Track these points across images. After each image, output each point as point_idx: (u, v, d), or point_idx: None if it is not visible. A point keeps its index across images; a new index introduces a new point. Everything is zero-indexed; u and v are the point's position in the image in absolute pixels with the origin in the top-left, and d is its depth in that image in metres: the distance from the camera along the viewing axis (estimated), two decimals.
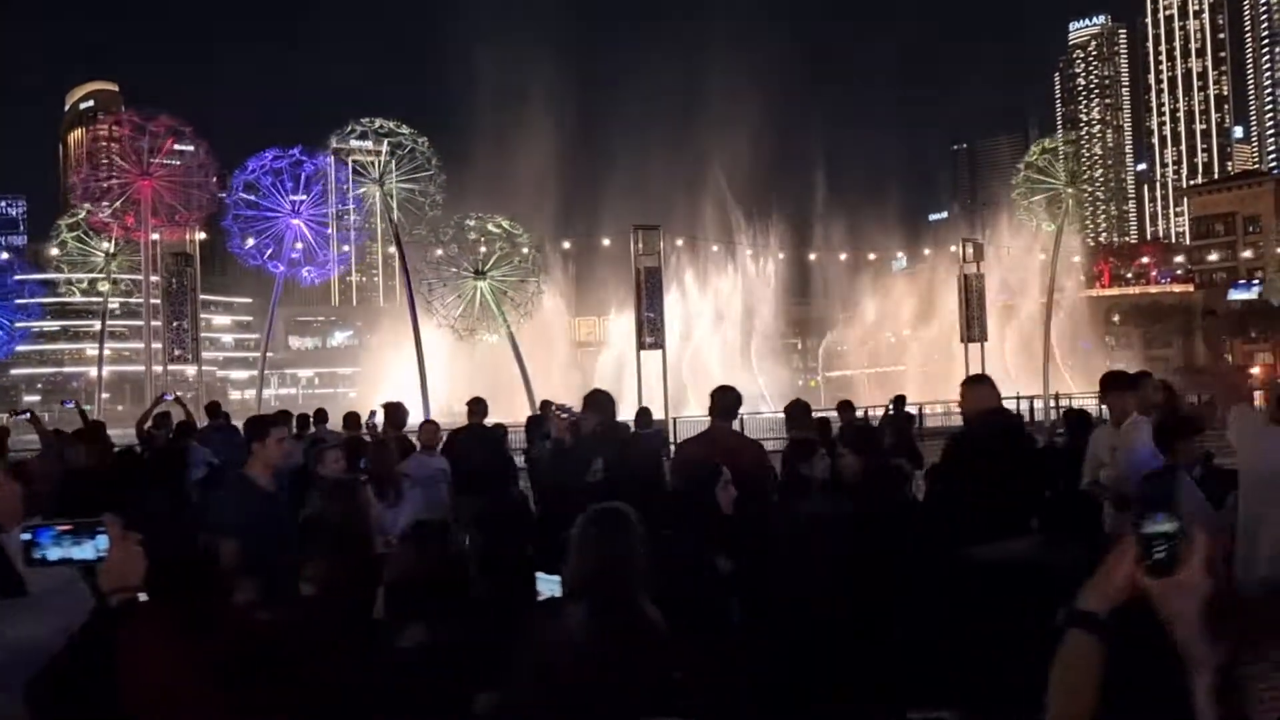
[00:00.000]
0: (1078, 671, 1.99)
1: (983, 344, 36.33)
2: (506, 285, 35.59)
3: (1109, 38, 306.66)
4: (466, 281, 35.26)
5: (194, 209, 30.36)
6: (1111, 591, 1.98)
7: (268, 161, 32.43)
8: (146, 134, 30.53)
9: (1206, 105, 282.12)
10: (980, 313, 37.14)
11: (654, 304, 30.99)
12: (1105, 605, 1.99)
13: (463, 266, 35.19)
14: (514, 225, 35.90)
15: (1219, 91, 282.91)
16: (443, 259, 35.07)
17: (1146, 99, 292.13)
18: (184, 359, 29.12)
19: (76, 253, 34.23)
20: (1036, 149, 41.32)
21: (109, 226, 31.18)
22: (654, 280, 31.14)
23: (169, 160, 30.52)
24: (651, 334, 30.93)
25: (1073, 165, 40.79)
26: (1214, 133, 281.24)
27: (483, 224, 35.66)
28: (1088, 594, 2.02)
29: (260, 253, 32.52)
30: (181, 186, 30.24)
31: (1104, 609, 1.99)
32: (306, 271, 33.53)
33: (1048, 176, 40.57)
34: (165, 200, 29.88)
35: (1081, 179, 41.11)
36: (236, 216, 31.73)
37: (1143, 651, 2.01)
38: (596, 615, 3.18)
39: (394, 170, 35.01)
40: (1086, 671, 1.97)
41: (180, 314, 28.42)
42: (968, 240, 38.58)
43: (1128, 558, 1.94)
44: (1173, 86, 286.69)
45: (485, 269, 35.18)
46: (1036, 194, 40.76)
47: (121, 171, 29.41)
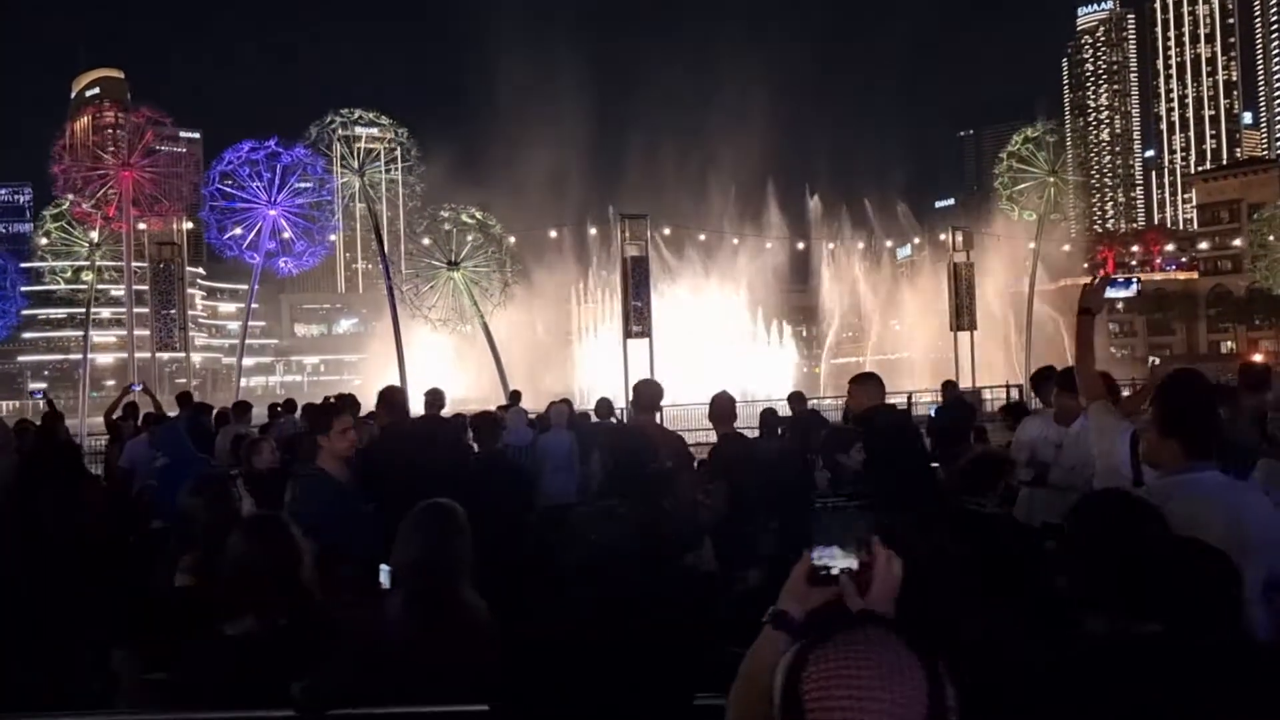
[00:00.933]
0: (759, 662, 2.16)
1: (972, 333, 36.36)
2: (479, 276, 35.80)
3: (1117, 23, 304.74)
4: (440, 272, 35.51)
5: (175, 199, 30.57)
6: (800, 596, 2.15)
7: (244, 153, 32.66)
8: (127, 125, 30.90)
9: (1215, 91, 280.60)
10: (970, 301, 37.15)
11: (640, 293, 31.10)
12: (798, 608, 2.16)
13: (435, 257, 35.51)
14: (487, 216, 36.09)
15: (1228, 77, 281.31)
16: (416, 250, 35.38)
17: (1155, 85, 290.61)
18: (172, 347, 29.39)
19: (60, 243, 34.51)
20: (1019, 138, 41.22)
21: (91, 217, 31.47)
22: (640, 269, 31.24)
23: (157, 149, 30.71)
24: (638, 323, 31.06)
25: (1063, 154, 40.68)
26: (1223, 119, 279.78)
27: (456, 215, 35.86)
28: (783, 596, 2.19)
29: (238, 243, 32.75)
30: (163, 177, 30.45)
31: (797, 611, 2.16)
32: (284, 262, 33.73)
33: (1030, 166, 40.52)
34: (146, 191, 30.12)
35: (1066, 168, 40.96)
36: (213, 207, 31.96)
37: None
38: (411, 604, 3.34)
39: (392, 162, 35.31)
40: (767, 663, 2.14)
41: (168, 302, 28.67)
42: (957, 229, 38.62)
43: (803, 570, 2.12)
44: (1181, 72, 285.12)
45: (458, 259, 35.39)
46: (1020, 183, 40.70)
47: (102, 162, 29.67)
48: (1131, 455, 4.67)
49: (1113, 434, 4.83)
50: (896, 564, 2.06)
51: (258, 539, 3.50)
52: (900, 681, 1.56)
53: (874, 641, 1.62)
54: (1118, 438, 4.79)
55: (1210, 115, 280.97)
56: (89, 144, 30.08)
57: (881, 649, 1.60)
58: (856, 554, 2.08)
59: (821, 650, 1.63)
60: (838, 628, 1.69)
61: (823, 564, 2.09)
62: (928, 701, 1.56)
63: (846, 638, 1.64)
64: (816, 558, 2.11)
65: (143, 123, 31.16)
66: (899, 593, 2.04)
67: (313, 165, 32.73)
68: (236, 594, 3.45)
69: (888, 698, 1.53)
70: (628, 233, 31.45)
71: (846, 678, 1.56)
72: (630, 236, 31.43)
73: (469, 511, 3.88)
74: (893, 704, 1.53)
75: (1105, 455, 4.88)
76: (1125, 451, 4.71)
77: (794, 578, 2.16)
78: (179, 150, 31.61)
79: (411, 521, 3.57)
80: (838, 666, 1.59)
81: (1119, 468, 4.75)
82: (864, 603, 1.99)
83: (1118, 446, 4.78)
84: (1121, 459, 4.74)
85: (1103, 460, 4.91)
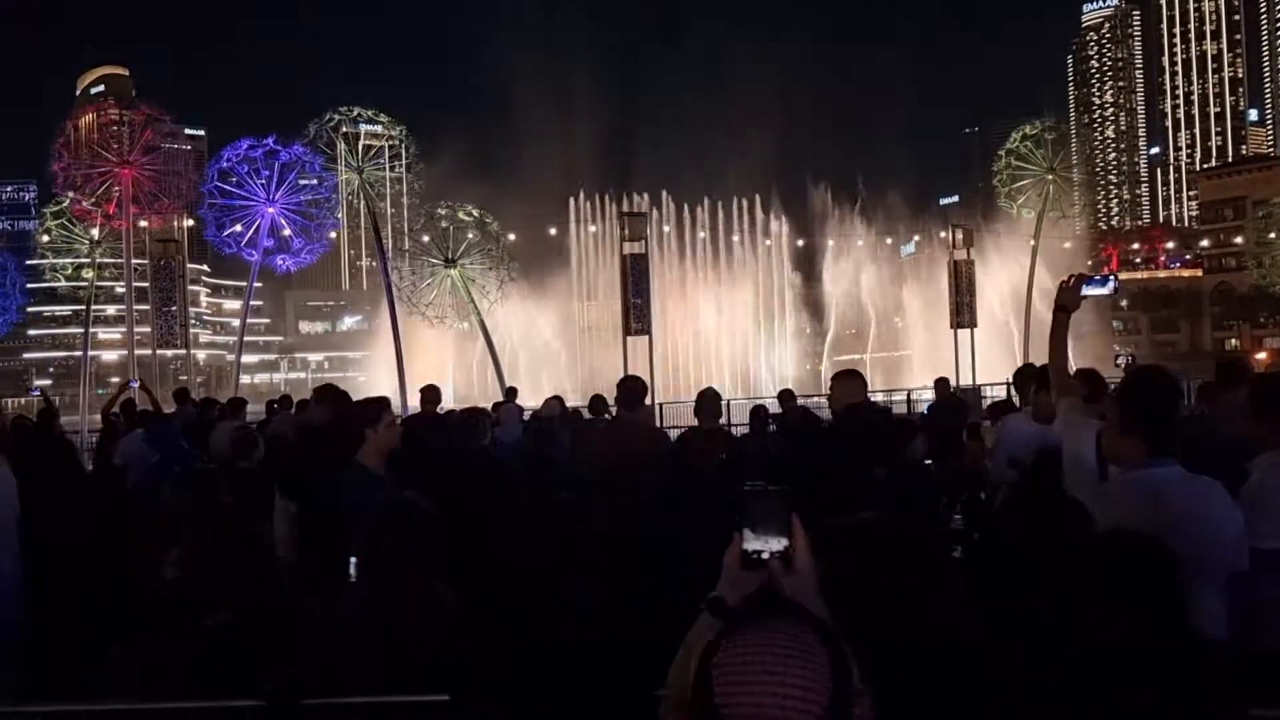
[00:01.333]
0: (693, 648, 2.24)
1: (972, 330, 36.38)
2: (475, 273, 35.91)
3: (1122, 20, 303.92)
4: (438, 269, 35.62)
5: (175, 197, 30.68)
6: (734, 582, 2.23)
7: (242, 150, 32.83)
8: (126, 123, 31.05)
9: (1221, 88, 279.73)
10: (970, 299, 37.18)
11: (640, 290, 31.17)
12: (735, 593, 2.24)
13: (433, 255, 35.66)
14: (484, 214, 36.21)
15: (1234, 74, 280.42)
16: (414, 248, 35.55)
17: (1160, 81, 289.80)
18: (173, 344, 29.51)
19: (61, 240, 34.69)
20: (1017, 135, 41.28)
21: (92, 215, 31.62)
22: (640, 266, 31.31)
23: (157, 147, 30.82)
24: (638, 320, 31.13)
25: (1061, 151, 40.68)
26: (1228, 116, 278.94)
27: (454, 212, 35.97)
28: (720, 583, 2.26)
29: (236, 241, 32.88)
30: (162, 174, 30.56)
31: (734, 597, 2.23)
32: (281, 260, 33.85)
33: (1028, 163, 40.54)
34: (145, 189, 30.25)
35: (1069, 165, 40.98)
36: (212, 205, 32.08)
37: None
38: (376, 597, 3.43)
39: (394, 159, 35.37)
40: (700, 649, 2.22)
41: (169, 300, 28.79)
42: (957, 226, 38.64)
43: (735, 556, 2.20)
44: (1187, 69, 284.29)
45: (455, 257, 35.51)
46: (1019, 181, 40.72)
47: (101, 160, 29.80)
48: (1098, 452, 4.75)
49: (1080, 431, 4.91)
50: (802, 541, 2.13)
51: (227, 533, 3.58)
52: (802, 666, 1.64)
53: (780, 630, 1.70)
54: (1085, 435, 4.87)
55: (1215, 112, 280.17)
56: (89, 142, 30.19)
57: (786, 636, 1.69)
58: (783, 536, 2.15)
59: (732, 638, 1.72)
60: (752, 617, 1.78)
61: (752, 549, 2.16)
62: (830, 687, 1.64)
63: (758, 624, 1.73)
64: (746, 543, 2.17)
65: (142, 120, 31.37)
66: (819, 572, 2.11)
67: (311, 163, 32.87)
68: (210, 586, 3.53)
69: (788, 682, 1.62)
70: (627, 231, 31.53)
71: (749, 663, 1.65)
72: (630, 235, 31.52)
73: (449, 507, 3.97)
74: (792, 688, 1.62)
75: (1073, 453, 4.95)
76: (1092, 449, 4.78)
77: (727, 564, 2.23)
78: (180, 148, 31.71)
79: (378, 517, 3.66)
80: (743, 652, 1.67)
81: (1086, 465, 4.82)
82: (791, 583, 2.07)
83: (1084, 444, 4.85)
84: (1088, 456, 4.81)
85: (1070, 457, 4.98)
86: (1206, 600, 3.98)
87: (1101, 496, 4.32)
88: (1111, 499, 4.16)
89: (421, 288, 35.71)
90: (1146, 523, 3.93)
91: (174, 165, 30.96)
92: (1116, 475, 4.35)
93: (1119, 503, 4.09)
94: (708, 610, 2.23)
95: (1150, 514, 3.97)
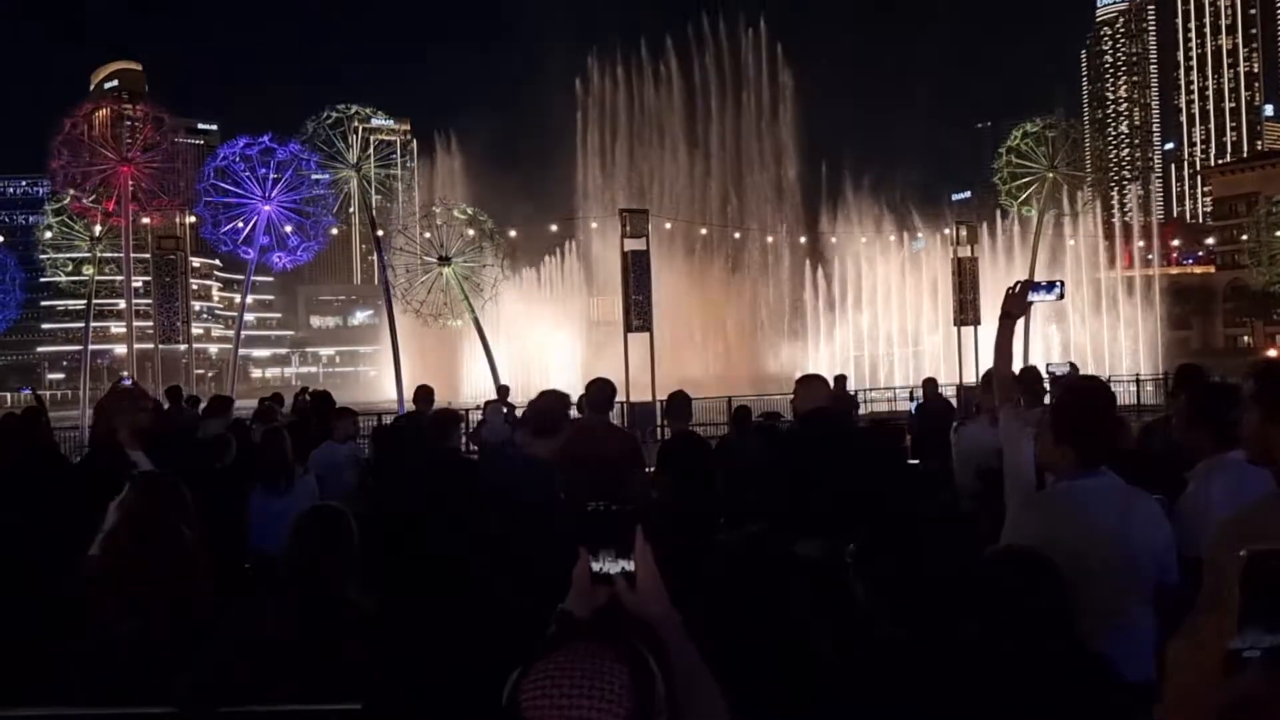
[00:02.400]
0: None
1: (975, 328, 36.26)
2: (470, 270, 36.00)
3: (1137, 14, 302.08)
4: (432, 267, 35.75)
5: (175, 194, 30.83)
6: (584, 597, 2.27)
7: (239, 148, 32.93)
8: (127, 120, 31.21)
9: (1236, 83, 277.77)
10: (974, 296, 37.05)
11: (641, 286, 31.17)
12: (584, 606, 2.27)
13: (428, 252, 35.86)
14: (478, 212, 36.30)
15: (1249, 69, 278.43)
16: (408, 245, 35.74)
17: (1175, 76, 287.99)
18: (174, 340, 29.68)
19: (62, 237, 34.94)
20: (1018, 133, 41.11)
21: (91, 212, 31.81)
22: (641, 263, 31.31)
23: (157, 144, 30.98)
24: (639, 316, 31.14)
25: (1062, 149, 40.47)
26: (1243, 111, 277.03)
27: (448, 210, 36.07)
28: (571, 595, 2.30)
29: (232, 238, 33.05)
30: (162, 172, 30.71)
31: (584, 610, 2.27)
32: (278, 257, 34.00)
33: (1029, 161, 40.36)
34: (145, 186, 30.39)
35: (1069, 163, 40.76)
36: (208, 203, 32.23)
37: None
38: (293, 603, 3.47)
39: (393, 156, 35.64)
40: None
41: (170, 296, 28.93)
42: (961, 223, 38.50)
43: (584, 571, 2.24)
44: (1202, 64, 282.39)
45: (450, 254, 35.62)
46: (1019, 178, 40.55)
47: (100, 158, 29.99)
48: (1036, 461, 4.76)
49: (1019, 439, 4.91)
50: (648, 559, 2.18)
51: (145, 539, 3.61)
52: (599, 689, 1.71)
53: (580, 653, 1.77)
54: (1023, 443, 4.87)
55: (1231, 107, 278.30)
56: (88, 139, 30.38)
57: (585, 658, 1.76)
58: (626, 558, 2.20)
59: (539, 661, 1.79)
60: (562, 641, 1.84)
61: (599, 569, 2.21)
62: (629, 708, 1.71)
63: (564, 649, 1.80)
64: (592, 564, 2.22)
65: (142, 118, 31.50)
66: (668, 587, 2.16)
67: (308, 160, 33.00)
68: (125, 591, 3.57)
69: (580, 704, 1.69)
70: (629, 227, 31.53)
71: (547, 687, 1.72)
72: (631, 230, 31.52)
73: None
74: (586, 711, 1.69)
75: (1012, 460, 4.95)
76: (1030, 457, 4.78)
77: (576, 576, 2.27)
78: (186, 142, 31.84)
79: (299, 523, 3.70)
80: (544, 675, 1.74)
81: (1024, 473, 4.82)
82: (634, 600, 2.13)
83: (1023, 452, 4.85)
84: (1026, 464, 4.81)
85: (1009, 465, 4.98)
86: (1133, 611, 3.99)
87: (1033, 505, 4.35)
88: (1042, 508, 4.18)
89: (416, 285, 35.87)
90: (1071, 533, 3.95)
91: (175, 162, 31.09)
92: (1050, 485, 4.37)
93: (1047, 512, 4.10)
94: (556, 624, 2.27)
95: (1075, 525, 3.98)
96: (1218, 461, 4.52)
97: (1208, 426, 4.62)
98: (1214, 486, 4.45)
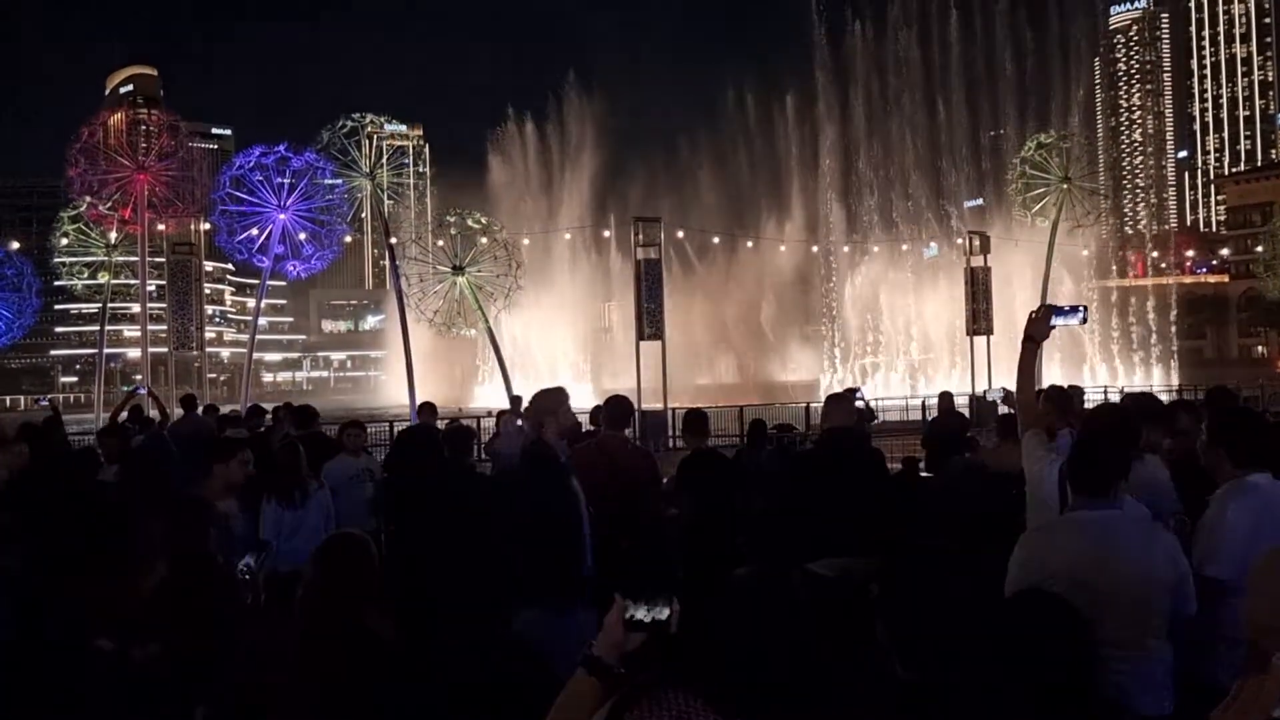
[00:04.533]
0: (573, 700, 2.27)
1: (988, 337, 36.17)
2: (483, 280, 36.02)
3: (1150, 22, 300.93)
4: (446, 275, 35.78)
5: (190, 201, 30.97)
6: (616, 644, 2.26)
7: (254, 157, 33.04)
8: (142, 128, 31.39)
9: (1250, 91, 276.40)
10: (986, 306, 36.93)
11: (653, 295, 31.18)
12: (613, 654, 2.26)
13: (441, 261, 35.96)
14: (492, 221, 36.34)
15: (1264, 77, 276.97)
16: (421, 253, 35.85)
17: (1189, 85, 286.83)
18: (188, 346, 29.79)
19: (78, 244, 35.14)
20: (1032, 143, 41.06)
21: (108, 219, 32.00)
22: (654, 271, 31.33)
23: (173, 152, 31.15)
24: (651, 325, 31.14)
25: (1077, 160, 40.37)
26: (1258, 119, 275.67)
27: (462, 219, 36.12)
28: (599, 642, 2.29)
29: (247, 247, 33.15)
30: (177, 180, 30.83)
31: (612, 656, 2.26)
32: (292, 266, 34.12)
33: (1043, 172, 40.29)
34: (160, 194, 30.54)
35: (1083, 174, 40.67)
36: (224, 212, 32.34)
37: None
38: (310, 630, 3.47)
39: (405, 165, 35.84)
40: (579, 706, 2.25)
41: (185, 303, 29.03)
42: (974, 233, 38.44)
43: (618, 619, 2.24)
44: (1215, 72, 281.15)
45: (463, 264, 35.66)
46: (1033, 189, 40.50)
47: (116, 165, 30.16)
48: (1060, 486, 4.73)
49: (1042, 464, 4.89)
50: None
51: (178, 566, 3.61)
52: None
53: (677, 704, 1.80)
54: (1046, 468, 4.85)
55: (1245, 116, 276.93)
56: (104, 147, 30.57)
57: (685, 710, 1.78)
58: (666, 605, 2.20)
59: (636, 708, 1.80)
60: (646, 688, 1.85)
61: (637, 616, 2.21)
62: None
63: (655, 696, 1.81)
64: (631, 611, 2.22)
65: (158, 126, 31.66)
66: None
67: (323, 169, 33.10)
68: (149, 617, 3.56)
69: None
70: (641, 235, 31.55)
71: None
72: (644, 239, 31.55)
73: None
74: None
75: (1034, 485, 4.94)
76: (1054, 482, 4.76)
77: (609, 624, 2.26)
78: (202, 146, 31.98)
79: (324, 548, 3.70)
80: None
81: (1047, 499, 4.80)
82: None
83: (1046, 477, 4.83)
84: (1049, 490, 4.79)
85: (1032, 490, 4.96)
86: (1150, 643, 3.96)
87: (1050, 530, 4.33)
88: (1058, 535, 4.17)
89: (430, 294, 35.93)
90: (1090, 564, 3.93)
91: (190, 170, 31.21)
92: (1069, 510, 4.34)
93: (1066, 540, 4.08)
94: (584, 668, 2.27)
95: (1095, 556, 3.96)
96: (1237, 485, 4.52)
97: (1225, 447, 4.65)
98: (1231, 509, 4.46)
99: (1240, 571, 4.23)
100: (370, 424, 20.27)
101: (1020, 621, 2.75)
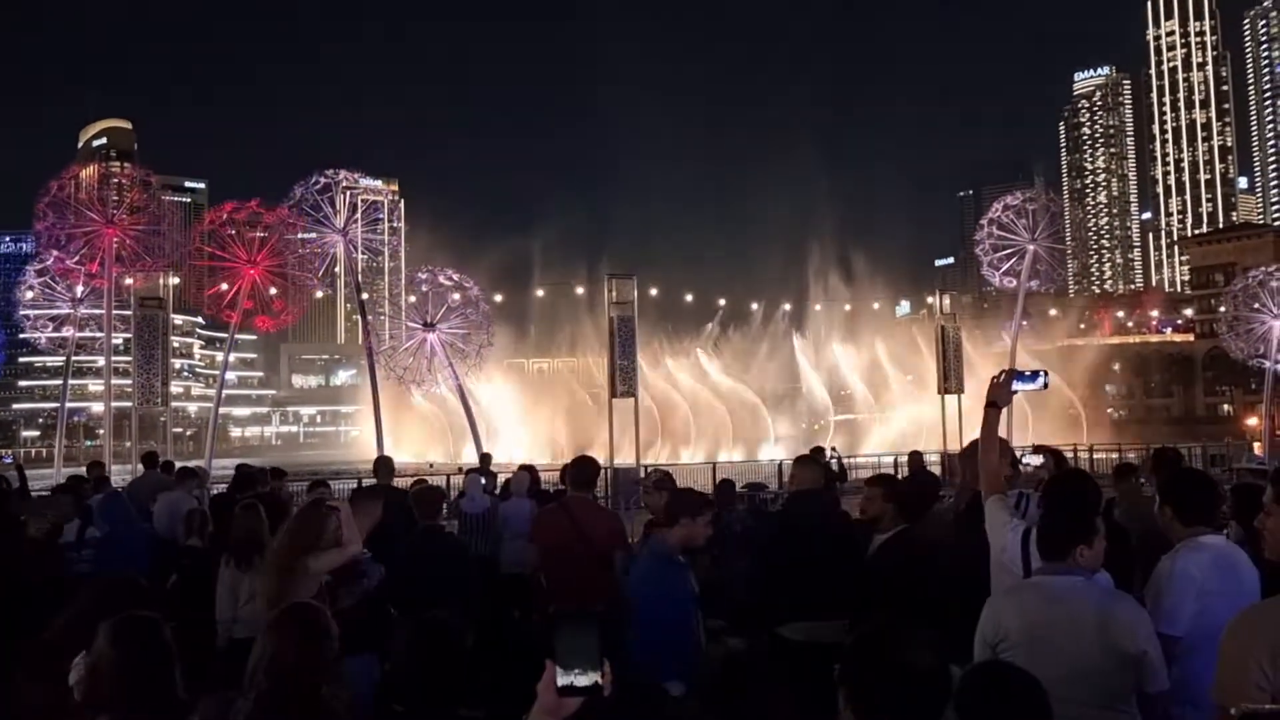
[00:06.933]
0: None
1: (959, 395, 36.34)
2: (455, 337, 36.00)
3: (1113, 88, 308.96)
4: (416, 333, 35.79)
5: (160, 255, 30.75)
6: (550, 710, 2.24)
7: (225, 214, 32.92)
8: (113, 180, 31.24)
9: (1211, 156, 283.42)
10: (957, 365, 37.20)
11: (627, 351, 31.19)
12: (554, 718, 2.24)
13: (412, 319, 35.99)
14: (464, 278, 36.47)
15: (1223, 142, 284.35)
16: (393, 311, 35.90)
17: (1151, 149, 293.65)
18: (153, 402, 29.38)
19: (43, 297, 34.80)
20: (999, 205, 41.77)
21: (74, 273, 31.74)
22: (627, 328, 31.32)
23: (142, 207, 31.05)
24: (624, 382, 31.09)
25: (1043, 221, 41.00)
26: (1218, 183, 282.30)
27: (434, 277, 36.21)
28: (535, 710, 2.26)
29: (216, 302, 32.99)
30: (147, 233, 30.66)
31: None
32: (260, 321, 33.93)
33: (1010, 233, 40.93)
34: (130, 247, 30.35)
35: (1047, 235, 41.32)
36: (193, 266, 32.22)
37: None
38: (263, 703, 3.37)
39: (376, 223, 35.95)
40: None
41: (150, 358, 28.67)
42: (944, 292, 38.90)
43: (550, 684, 2.21)
44: (1177, 137, 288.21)
45: (434, 321, 35.63)
46: (1001, 250, 41.07)
47: (85, 220, 29.99)
48: (1022, 551, 4.72)
49: (1004, 529, 4.88)
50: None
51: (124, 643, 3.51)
52: None
53: None
54: (1009, 533, 4.84)
55: (1206, 179, 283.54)
56: (74, 201, 30.38)
57: None
58: (595, 670, 2.17)
59: None
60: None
61: (565, 684, 2.18)
62: None
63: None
64: (560, 678, 2.19)
65: (130, 180, 31.55)
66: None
67: (295, 225, 33.08)
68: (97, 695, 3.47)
69: None
70: (614, 293, 31.59)
71: None
72: (617, 297, 31.58)
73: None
74: None
75: (997, 550, 4.92)
76: (1016, 547, 4.76)
77: (541, 691, 2.23)
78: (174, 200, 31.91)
79: (275, 619, 3.62)
80: None
81: (1009, 564, 4.79)
82: None
83: (1009, 542, 4.82)
84: (1012, 555, 4.78)
85: (995, 554, 4.95)
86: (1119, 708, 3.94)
87: (1013, 593, 4.33)
88: (1021, 599, 4.17)
89: (400, 351, 35.84)
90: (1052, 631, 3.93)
91: (160, 224, 31.07)
92: (1034, 577, 4.33)
93: (1030, 606, 4.07)
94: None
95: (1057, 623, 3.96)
96: (1192, 543, 4.61)
97: (1172, 506, 4.79)
98: (1182, 565, 4.53)
99: (1191, 628, 4.30)
100: (334, 480, 20.04)
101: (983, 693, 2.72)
